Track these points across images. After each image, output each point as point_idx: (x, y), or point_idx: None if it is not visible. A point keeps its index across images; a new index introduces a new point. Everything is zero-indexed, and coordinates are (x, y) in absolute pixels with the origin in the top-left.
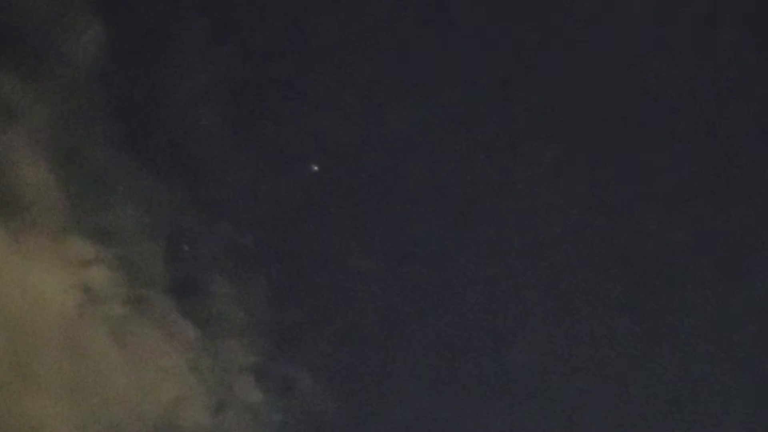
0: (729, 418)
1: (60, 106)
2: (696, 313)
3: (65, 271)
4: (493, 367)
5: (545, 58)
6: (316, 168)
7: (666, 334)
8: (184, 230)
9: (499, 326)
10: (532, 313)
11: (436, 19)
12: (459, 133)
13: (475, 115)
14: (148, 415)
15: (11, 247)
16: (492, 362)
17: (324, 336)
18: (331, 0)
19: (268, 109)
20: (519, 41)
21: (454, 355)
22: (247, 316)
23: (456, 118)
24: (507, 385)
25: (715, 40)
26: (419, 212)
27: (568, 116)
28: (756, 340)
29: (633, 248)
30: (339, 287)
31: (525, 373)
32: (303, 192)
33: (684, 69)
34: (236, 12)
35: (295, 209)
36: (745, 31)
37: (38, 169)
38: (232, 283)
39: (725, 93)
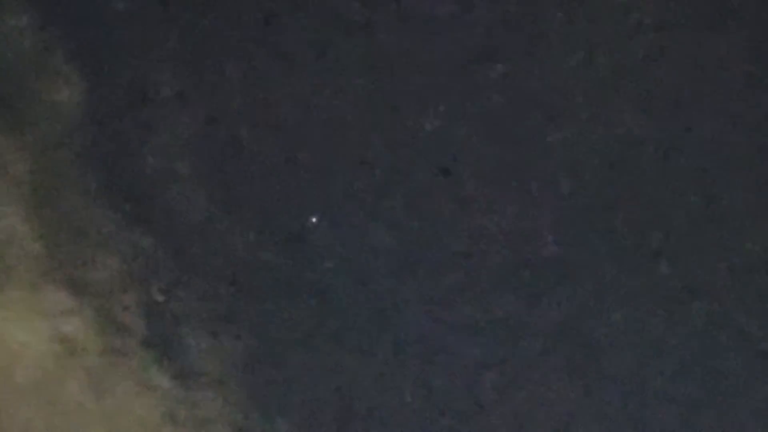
0: None
1: (37, 157)
2: None
3: (41, 321)
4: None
5: None
6: (314, 220)
7: None
8: (161, 282)
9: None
10: None
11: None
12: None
13: None
14: None
15: None
16: None
17: (300, 390)
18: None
19: (252, 160)
20: None
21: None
22: (224, 368)
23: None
24: None
25: None
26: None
27: None
28: None
29: None
30: (315, 348)
31: None
32: (281, 250)
33: None
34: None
35: (272, 268)
36: None
37: (14, 219)
38: (209, 336)
39: None
